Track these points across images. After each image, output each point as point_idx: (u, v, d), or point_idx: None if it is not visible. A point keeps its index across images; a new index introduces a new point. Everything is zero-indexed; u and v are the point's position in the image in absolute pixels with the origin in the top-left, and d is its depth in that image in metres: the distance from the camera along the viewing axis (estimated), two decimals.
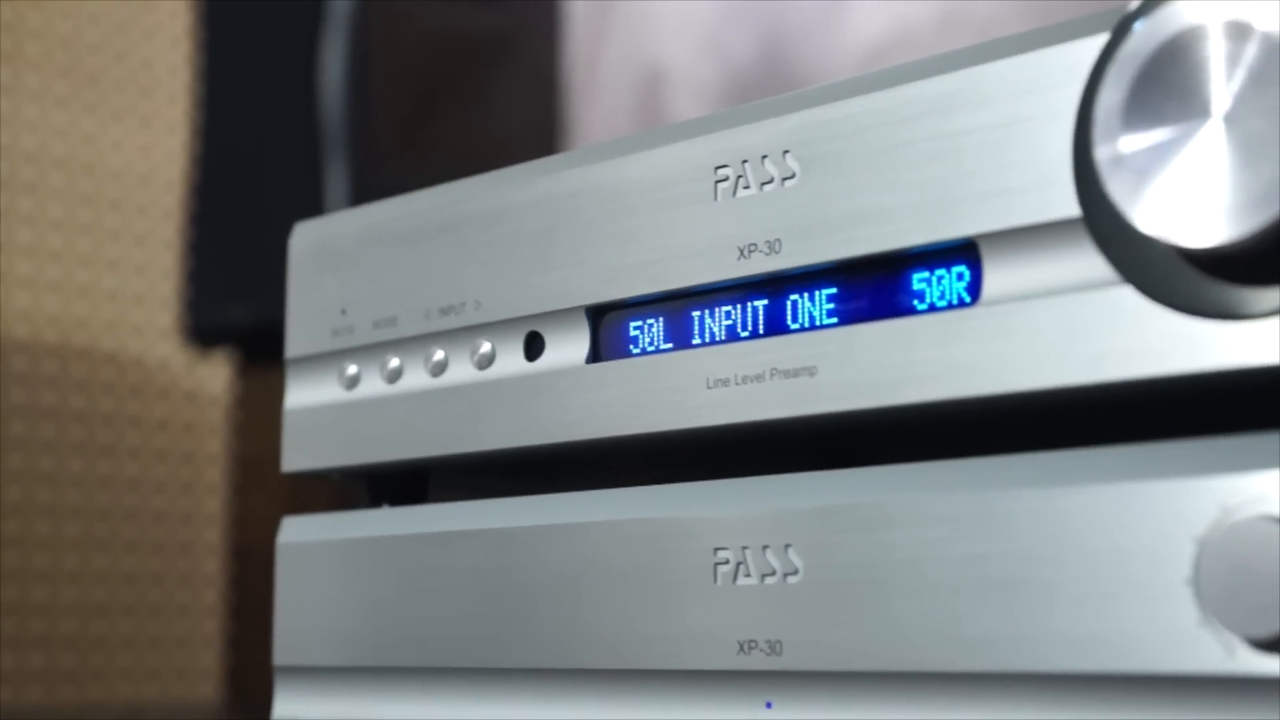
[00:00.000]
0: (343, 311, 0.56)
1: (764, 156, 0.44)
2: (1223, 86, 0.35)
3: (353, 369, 0.55)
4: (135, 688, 1.45)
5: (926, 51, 0.41)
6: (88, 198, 1.49)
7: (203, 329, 1.24)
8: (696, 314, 0.46)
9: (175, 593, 1.48)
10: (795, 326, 0.44)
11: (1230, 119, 0.35)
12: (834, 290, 0.43)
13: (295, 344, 0.58)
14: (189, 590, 1.48)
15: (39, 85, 1.47)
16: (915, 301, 0.42)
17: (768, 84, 1.35)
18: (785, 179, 0.44)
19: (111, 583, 1.46)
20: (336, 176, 1.18)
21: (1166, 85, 0.36)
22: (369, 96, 1.22)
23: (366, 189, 1.18)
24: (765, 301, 0.45)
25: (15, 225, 1.44)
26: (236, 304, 1.22)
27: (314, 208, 1.18)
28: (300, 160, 1.20)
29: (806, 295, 0.44)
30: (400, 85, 1.26)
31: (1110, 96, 0.37)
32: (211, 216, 1.25)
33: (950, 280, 0.41)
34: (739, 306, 0.45)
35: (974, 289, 0.40)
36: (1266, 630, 0.34)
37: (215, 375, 1.50)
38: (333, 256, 0.57)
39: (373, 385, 0.55)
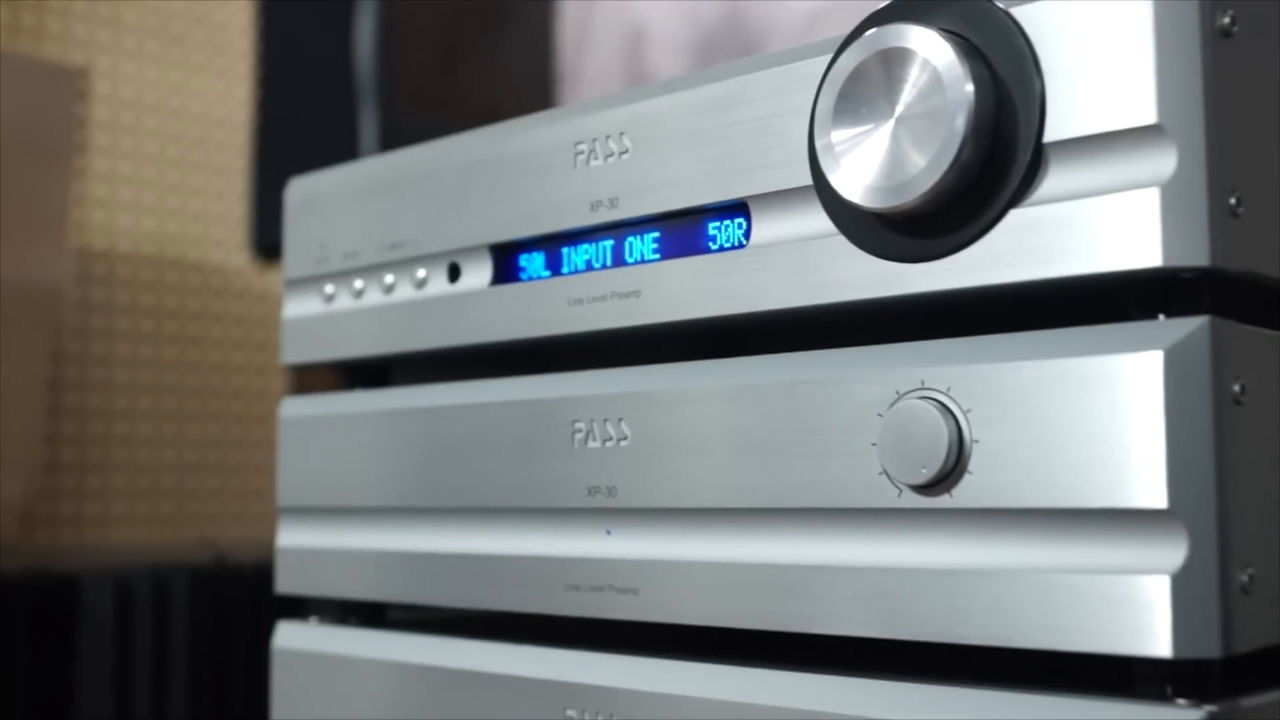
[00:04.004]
0: (322, 246, 0.60)
1: (608, 136, 0.50)
2: (898, 98, 0.41)
3: (330, 288, 0.60)
4: (221, 530, 1.47)
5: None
6: (175, 137, 1.49)
7: (266, 243, 1.22)
8: (565, 250, 0.51)
9: (252, 454, 1.50)
10: (631, 260, 0.49)
11: (901, 120, 0.40)
12: (657, 235, 0.49)
13: (289, 269, 0.62)
14: (262, 452, 1.49)
15: (135, 45, 1.47)
16: (709, 243, 0.47)
17: (731, 41, 1.36)
18: (622, 153, 0.49)
19: (201, 446, 1.47)
20: (368, 121, 1.18)
21: (858, 96, 0.42)
22: (395, 55, 1.21)
23: (393, 132, 1.17)
24: (611, 242, 0.50)
25: (118, 160, 1.44)
26: None
27: (350, 147, 1.18)
28: (340, 108, 1.19)
29: (638, 238, 0.49)
30: (422, 45, 1.25)
31: (825, 102, 0.42)
32: (271, 152, 1.24)
33: (732, 228, 0.47)
34: (593, 246, 0.50)
35: (747, 235, 0.46)
36: (919, 479, 0.40)
37: (279, 280, 1.48)
38: (316, 205, 0.61)
39: (344, 301, 0.59)
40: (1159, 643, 0.36)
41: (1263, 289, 0.40)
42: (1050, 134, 0.39)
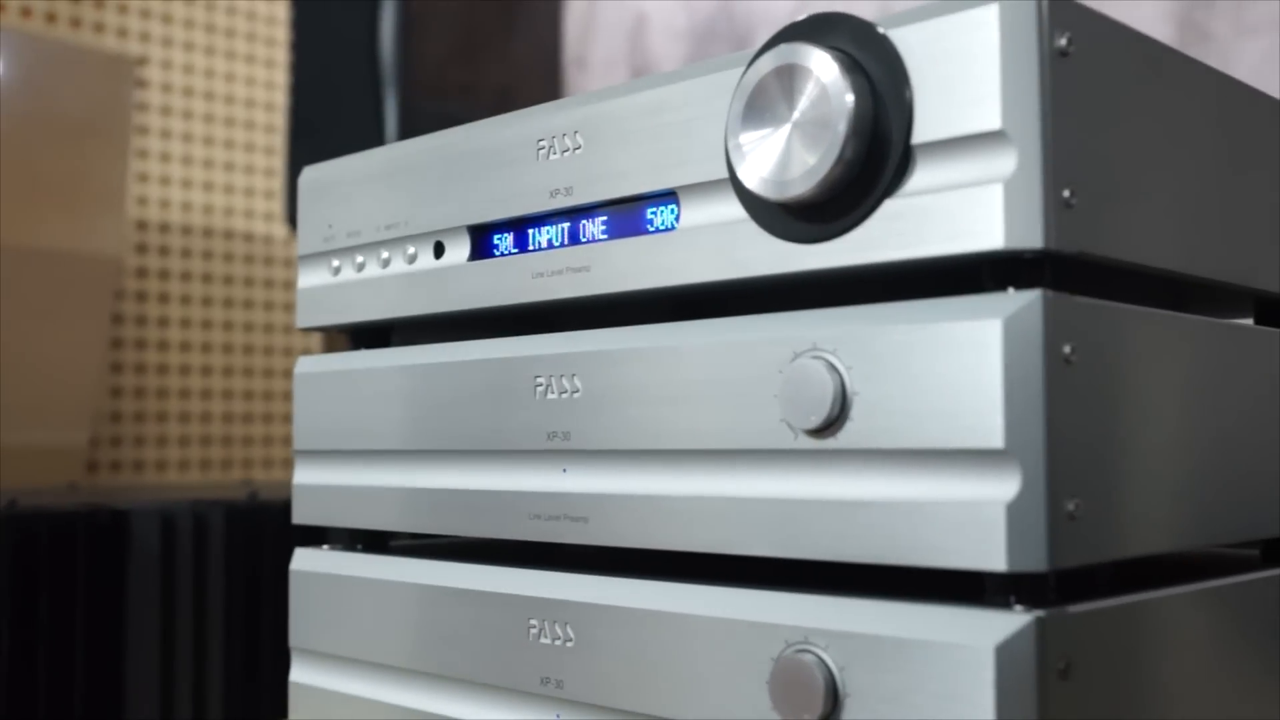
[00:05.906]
0: (329, 226, 0.63)
1: (564, 134, 0.53)
2: (794, 105, 0.44)
3: (336, 263, 0.63)
4: (264, 474, 1.52)
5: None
6: (222, 120, 1.51)
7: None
8: (530, 231, 0.55)
9: (288, 406, 1.53)
10: (584, 240, 0.53)
11: (797, 125, 0.44)
12: (605, 218, 0.52)
13: (302, 246, 0.65)
14: None
15: (185, 37, 1.49)
16: (648, 226, 0.51)
17: (723, 28, 1.39)
18: (576, 149, 0.53)
19: (246, 399, 1.50)
20: (390, 106, 1.20)
21: (762, 104, 0.45)
22: (415, 46, 1.23)
23: (413, 116, 1.19)
24: (567, 224, 0.53)
25: (172, 142, 1.47)
26: None
27: (375, 130, 1.20)
28: (366, 94, 1.21)
29: (589, 221, 0.53)
30: (440, 36, 1.27)
31: (736, 107, 0.46)
32: (303, 135, 1.27)
33: (666, 213, 0.50)
34: (553, 227, 0.54)
35: (677, 219, 0.50)
36: (811, 425, 0.44)
37: None
38: (324, 190, 0.64)
39: (348, 274, 0.62)
40: (997, 559, 0.41)
41: (1094, 266, 0.44)
42: (917, 136, 0.43)
